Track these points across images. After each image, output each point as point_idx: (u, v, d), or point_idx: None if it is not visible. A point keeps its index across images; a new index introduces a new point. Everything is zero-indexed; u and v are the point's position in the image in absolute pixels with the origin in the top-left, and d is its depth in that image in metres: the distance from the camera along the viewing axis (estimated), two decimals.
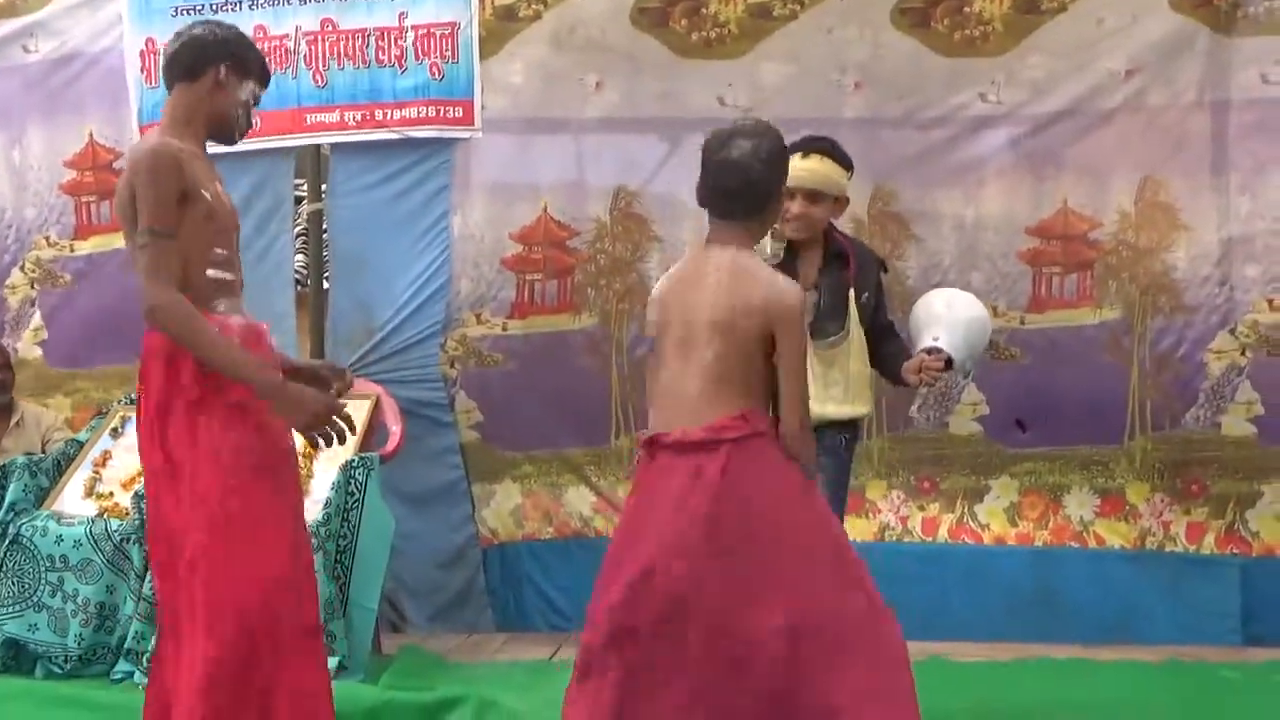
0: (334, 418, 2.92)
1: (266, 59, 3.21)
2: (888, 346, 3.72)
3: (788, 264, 3.68)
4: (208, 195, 2.93)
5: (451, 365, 4.98)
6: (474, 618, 4.91)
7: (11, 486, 4.28)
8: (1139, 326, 4.74)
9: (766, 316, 2.81)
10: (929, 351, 3.59)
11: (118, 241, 4.64)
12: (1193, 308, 4.70)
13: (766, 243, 3.72)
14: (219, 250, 2.96)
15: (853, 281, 3.66)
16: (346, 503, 4.14)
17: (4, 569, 4.17)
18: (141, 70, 4.85)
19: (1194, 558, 4.70)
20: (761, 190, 2.91)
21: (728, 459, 2.77)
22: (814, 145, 3.71)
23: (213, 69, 3.02)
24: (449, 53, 4.67)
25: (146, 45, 4.79)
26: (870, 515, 4.94)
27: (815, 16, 4.77)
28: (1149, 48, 4.64)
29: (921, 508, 4.92)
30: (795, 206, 3.64)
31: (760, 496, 2.79)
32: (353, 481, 4.16)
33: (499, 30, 4.86)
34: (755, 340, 2.83)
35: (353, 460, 4.20)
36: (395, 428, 4.44)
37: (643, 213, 4.92)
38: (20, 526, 4.19)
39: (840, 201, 3.75)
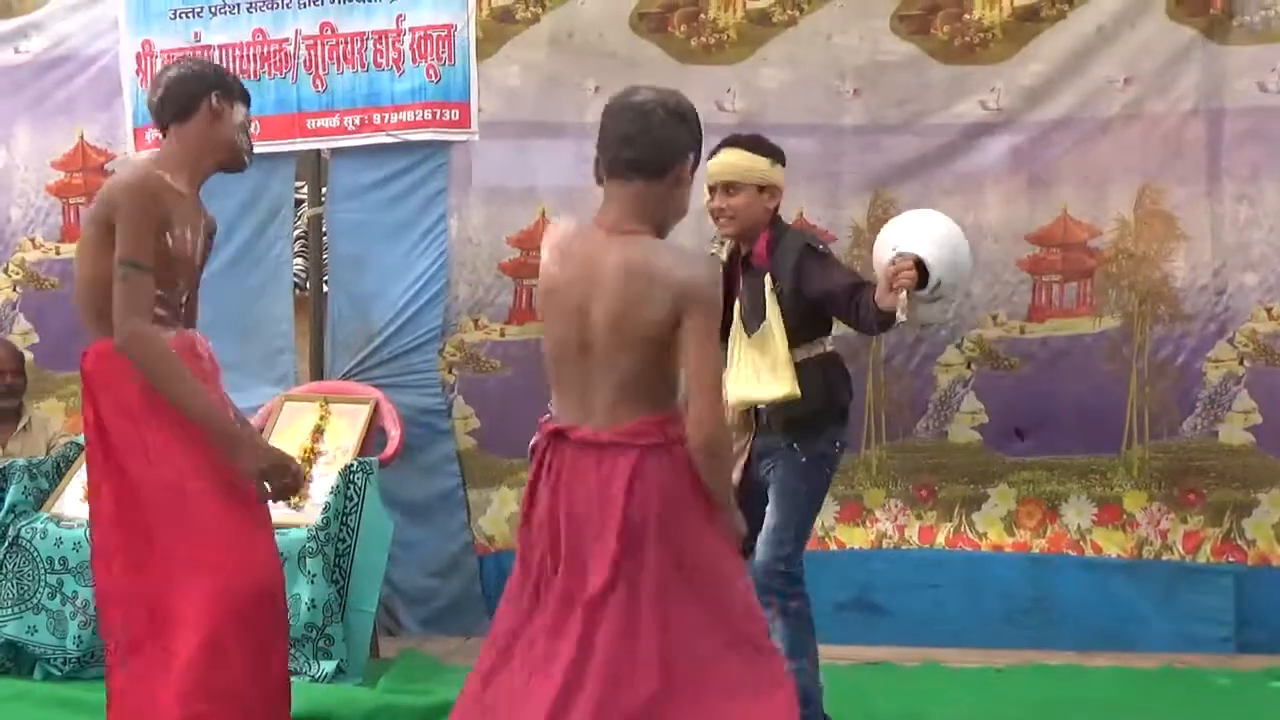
0: (285, 472, 3.04)
1: (265, 64, 3.39)
2: (855, 304, 3.58)
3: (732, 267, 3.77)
4: (171, 240, 3.05)
5: (450, 371, 5.10)
6: (471, 620, 5.01)
7: (11, 489, 4.41)
8: (1138, 335, 4.85)
9: (674, 306, 2.60)
10: (893, 262, 3.46)
11: None
12: (1191, 316, 4.81)
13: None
14: (160, 292, 3.05)
15: (758, 275, 3.68)
16: (345, 507, 4.28)
17: (3, 571, 4.30)
18: (137, 72, 4.99)
19: (1190, 566, 4.81)
20: (661, 141, 2.67)
21: (639, 462, 2.66)
22: (728, 140, 3.80)
23: (205, 101, 3.15)
24: (445, 55, 4.80)
25: (143, 48, 4.93)
26: (868, 524, 5.04)
27: (814, 22, 4.90)
28: (1146, 56, 4.77)
29: (919, 516, 5.01)
30: (715, 200, 3.73)
31: (666, 510, 2.67)
32: (352, 486, 4.30)
33: (496, 32, 4.98)
34: (665, 338, 2.64)
35: (352, 464, 4.34)
36: (394, 432, 4.58)
37: None
38: (20, 529, 4.32)
39: (767, 190, 3.74)
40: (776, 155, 3.80)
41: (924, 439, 5.02)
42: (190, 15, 4.93)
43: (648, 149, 2.68)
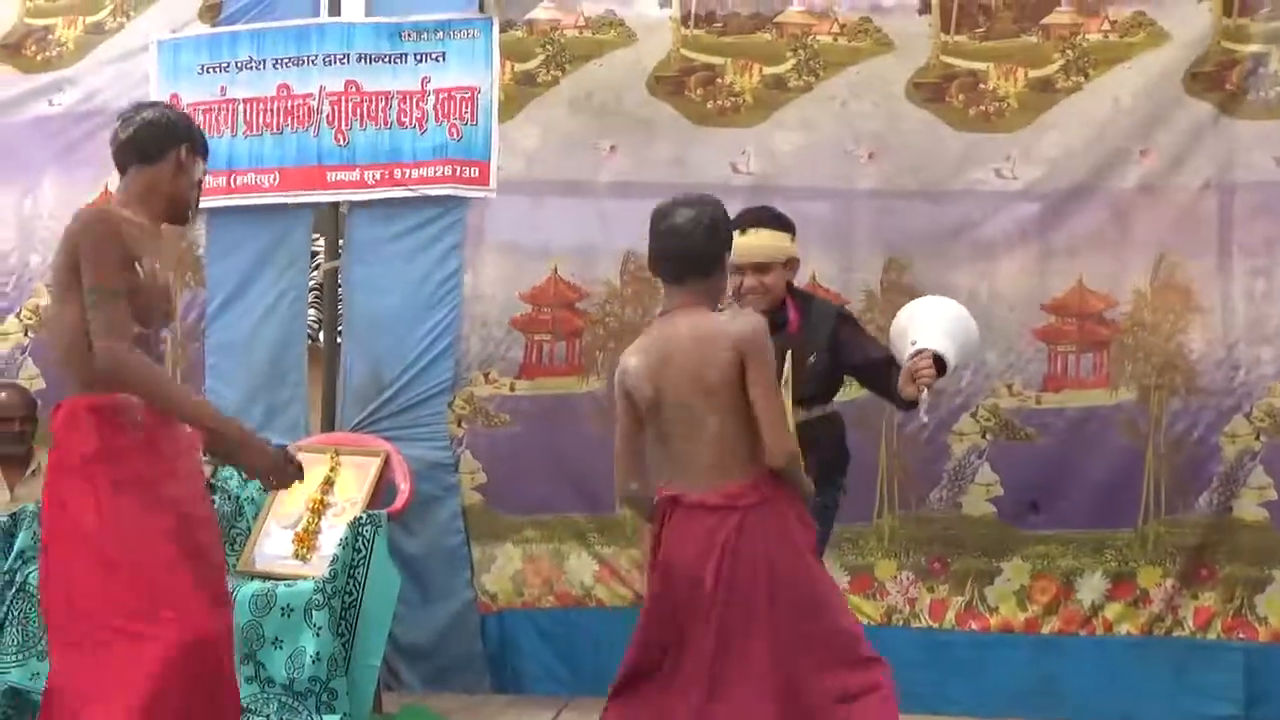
0: (287, 465, 3.24)
1: (289, 117, 3.58)
2: (886, 380, 3.98)
3: None
4: (141, 271, 3.10)
5: (459, 424, 5.20)
6: (472, 682, 5.09)
7: (20, 534, 4.46)
8: (1154, 408, 4.91)
9: (735, 355, 3.22)
10: (913, 358, 3.83)
11: None
12: (1208, 390, 4.89)
13: None
14: (136, 328, 3.10)
15: (791, 344, 3.85)
16: (353, 560, 4.34)
17: (9, 617, 4.35)
18: None
19: (1200, 643, 4.85)
20: (703, 256, 3.35)
21: (743, 520, 3.24)
22: (752, 219, 4.06)
23: (174, 151, 3.25)
24: (468, 115, 4.97)
25: (171, 100, 5.06)
26: (878, 597, 5.08)
27: (830, 88, 5.06)
28: (1163, 129, 4.90)
29: (931, 589, 5.05)
30: (747, 280, 4.00)
31: (777, 555, 3.26)
32: (360, 538, 4.36)
33: (518, 95, 5.18)
34: (738, 386, 3.24)
35: (361, 517, 4.40)
36: (404, 486, 4.67)
37: (652, 276, 5.17)
38: (27, 574, 4.36)
39: (790, 264, 4.10)
40: (793, 228, 4.11)
41: (938, 510, 5.08)
42: (217, 70, 5.11)
43: (692, 267, 3.35)
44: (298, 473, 3.29)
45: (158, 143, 3.24)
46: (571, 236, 5.26)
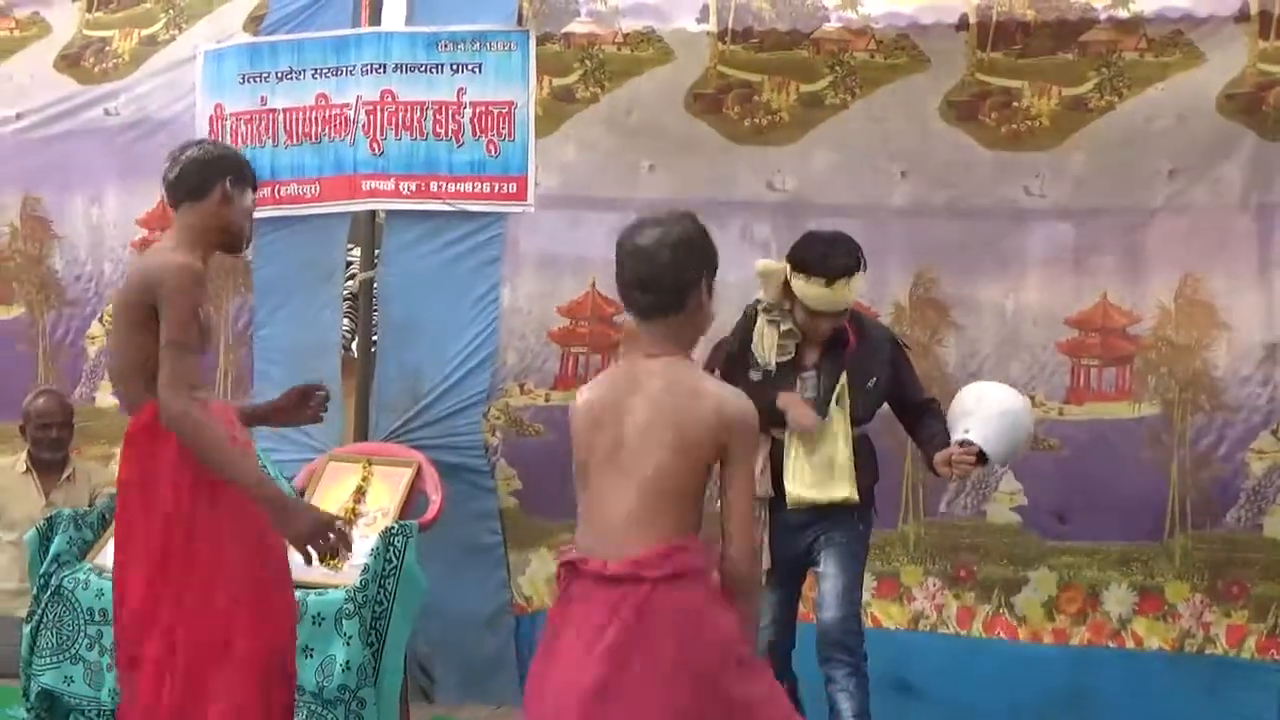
0: (329, 534, 2.94)
1: (326, 127, 3.44)
2: (925, 429, 3.64)
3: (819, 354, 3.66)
4: (203, 315, 3.01)
5: (492, 433, 4.82)
6: (504, 686, 4.65)
7: (57, 539, 4.10)
8: (1178, 423, 4.47)
9: (719, 429, 2.38)
10: (961, 444, 3.51)
11: None
12: (1233, 407, 4.43)
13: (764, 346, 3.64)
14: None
15: (850, 364, 3.56)
16: (384, 570, 3.93)
17: (44, 620, 3.99)
18: (210, 135, 4.74)
19: (1234, 661, 4.38)
20: (673, 280, 2.44)
21: (647, 599, 2.33)
22: (840, 268, 3.53)
23: (219, 185, 3.08)
24: (505, 130, 4.55)
25: (215, 111, 4.74)
26: (905, 602, 4.67)
27: (866, 107, 4.60)
28: (1195, 149, 4.41)
29: (957, 596, 4.64)
30: (824, 324, 3.57)
31: (681, 654, 2.33)
32: (392, 548, 3.95)
33: (555, 110, 4.76)
34: (701, 456, 2.39)
35: (393, 527, 4.01)
36: (435, 497, 4.25)
37: None
38: (63, 578, 4.00)
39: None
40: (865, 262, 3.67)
41: (961, 517, 4.67)
42: (258, 80, 4.69)
43: (662, 292, 2.46)
44: (342, 545, 2.99)
45: (202, 178, 3.09)
46: (609, 251, 4.62)
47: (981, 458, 3.52)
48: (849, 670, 3.51)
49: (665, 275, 2.43)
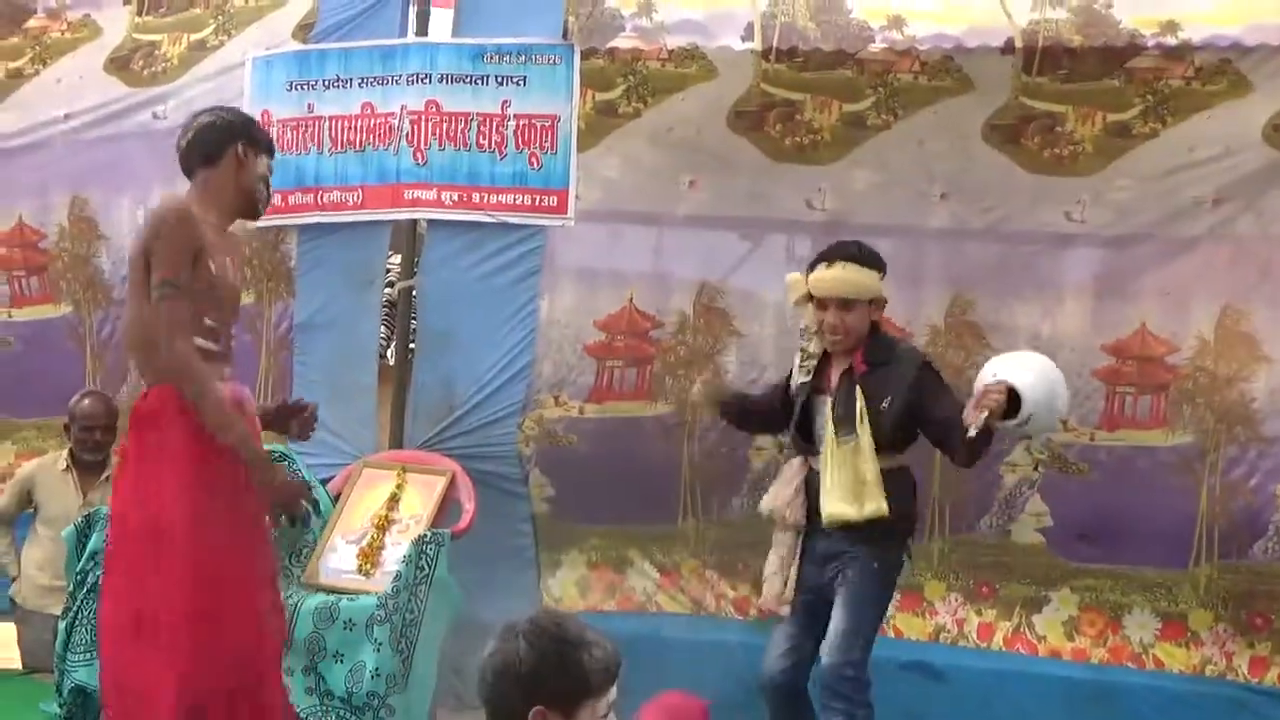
0: (300, 501, 3.01)
1: (370, 135, 3.46)
2: (953, 436, 3.35)
3: (821, 365, 3.48)
4: (213, 265, 2.89)
5: (526, 444, 4.65)
6: None
7: (94, 536, 3.93)
8: (1211, 453, 4.28)
9: None
10: (988, 385, 3.26)
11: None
12: (1270, 439, 4.23)
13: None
14: (209, 320, 2.92)
15: (865, 385, 3.40)
16: (416, 577, 3.78)
17: (79, 617, 3.83)
18: None
19: (1257, 689, 4.17)
20: (495, 708, 2.08)
21: None
22: (840, 252, 3.46)
23: (231, 149, 3.01)
24: (548, 143, 4.35)
25: (263, 117, 4.49)
26: (926, 615, 4.51)
27: (908, 127, 4.42)
28: (1239, 179, 4.20)
29: (979, 612, 4.48)
30: (829, 317, 3.40)
31: None
32: (424, 556, 3.80)
33: (598, 125, 4.59)
34: None
35: (425, 535, 3.86)
36: (469, 506, 4.07)
37: (724, 307, 4.61)
38: (99, 576, 3.70)
39: (875, 304, 3.47)
40: (883, 266, 3.48)
41: (987, 535, 4.51)
42: (305, 88, 4.50)
43: (490, 714, 2.11)
44: (304, 510, 3.07)
45: (216, 143, 3.02)
46: (648, 266, 4.73)
47: (1013, 400, 3.19)
48: (844, 718, 3.33)
49: (490, 703, 2.08)
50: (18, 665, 4.66)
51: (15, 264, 5.23)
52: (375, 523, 3.97)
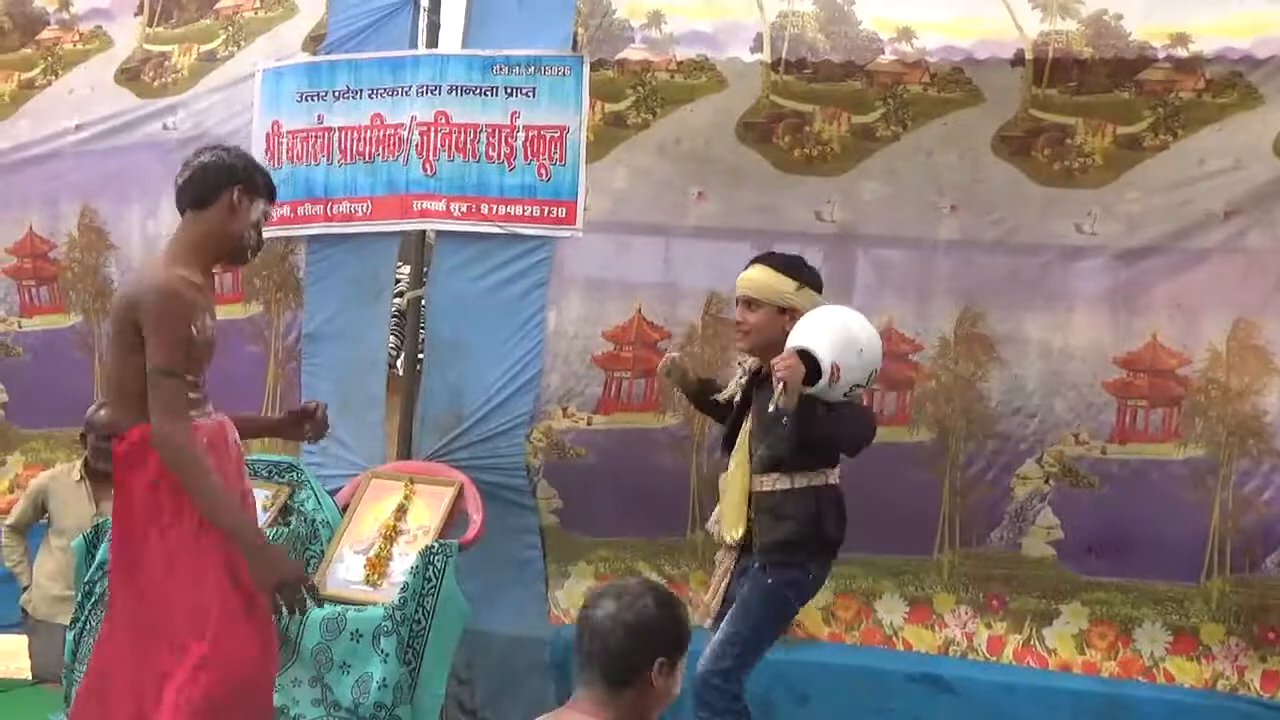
0: (298, 590, 2.87)
1: (380, 147, 3.43)
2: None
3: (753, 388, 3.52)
4: (196, 331, 2.87)
5: (534, 455, 4.67)
6: (536, 696, 4.42)
7: (103, 546, 3.92)
8: (1224, 467, 4.27)
9: None
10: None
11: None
12: None
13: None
14: (191, 377, 2.91)
15: (761, 401, 3.42)
16: (423, 588, 3.78)
17: (88, 627, 3.83)
18: (266, 152, 4.59)
19: (1269, 704, 4.15)
20: (622, 660, 2.26)
21: None
22: (764, 255, 3.56)
23: (227, 194, 2.95)
24: (557, 155, 4.36)
25: (272, 128, 4.56)
26: (936, 628, 4.51)
27: (917, 139, 4.44)
28: (1250, 191, 4.22)
29: (988, 625, 4.47)
30: (737, 312, 3.52)
31: None
32: (431, 567, 3.80)
33: (607, 136, 4.63)
34: None
35: (432, 546, 3.85)
36: (476, 517, 4.07)
37: (733, 318, 4.53)
38: (107, 586, 3.69)
39: (789, 313, 3.46)
40: (806, 279, 3.50)
41: (998, 549, 4.50)
42: (315, 99, 4.52)
43: (609, 670, 2.30)
44: (310, 599, 2.92)
45: (210, 186, 2.97)
46: (656, 277, 4.77)
47: (810, 361, 3.24)
48: None
49: (614, 657, 2.26)
50: (27, 675, 4.68)
51: (25, 274, 5.28)
52: (383, 533, 3.96)
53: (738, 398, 3.66)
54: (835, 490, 3.47)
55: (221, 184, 2.94)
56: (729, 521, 3.55)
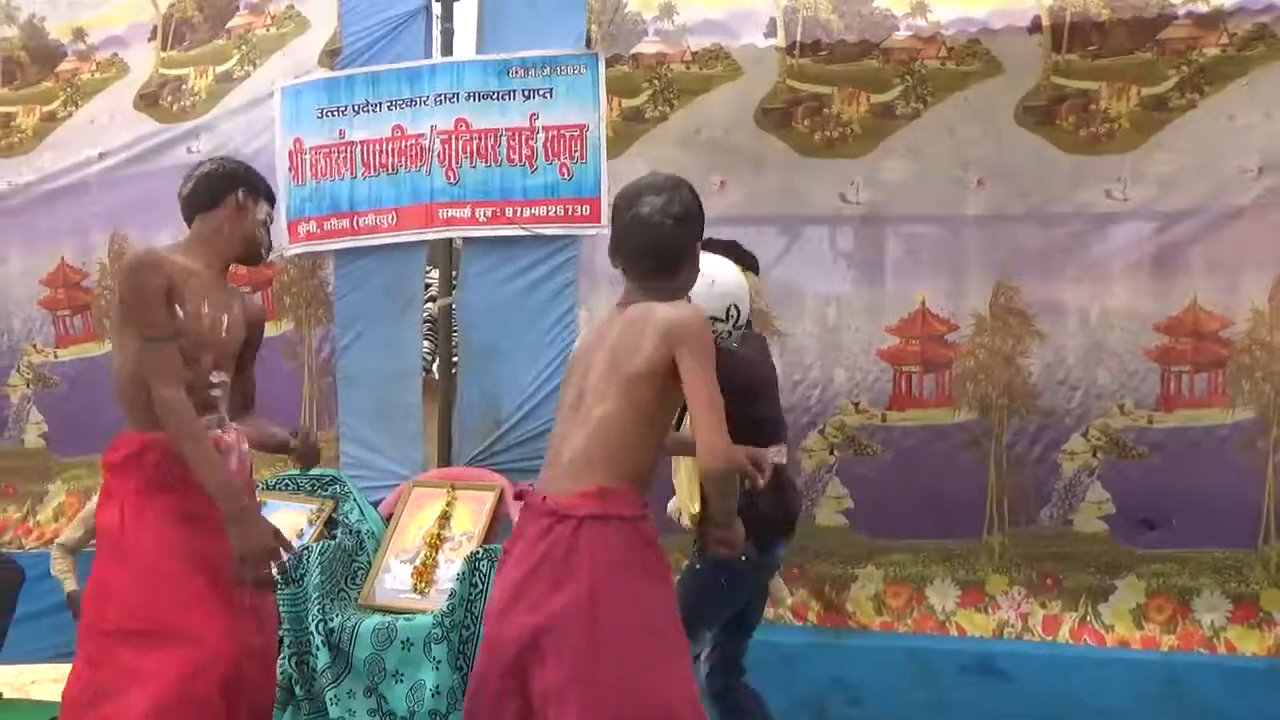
0: (268, 563, 2.91)
1: (402, 158, 3.52)
2: None
3: None
4: (183, 312, 2.90)
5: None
6: None
7: None
8: (1275, 428, 4.24)
9: (660, 345, 2.53)
10: None
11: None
12: None
13: None
14: (183, 348, 2.91)
15: None
16: (470, 594, 3.88)
17: None
18: (290, 169, 4.72)
19: None
20: (674, 248, 2.69)
21: (575, 535, 2.53)
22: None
23: (231, 195, 3.09)
24: (578, 153, 4.45)
25: (295, 145, 4.67)
26: (989, 611, 4.50)
27: (938, 115, 4.44)
28: None
29: (1043, 605, 4.45)
30: None
31: (602, 587, 2.50)
32: (477, 573, 3.90)
33: (626, 131, 4.67)
34: (649, 393, 2.53)
35: (477, 551, 3.96)
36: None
37: (762, 307, 4.61)
38: None
39: None
40: (742, 262, 3.54)
41: (1048, 527, 4.47)
42: (335, 114, 4.63)
43: (660, 260, 2.69)
44: (268, 580, 2.94)
45: (214, 190, 3.11)
46: None
47: None
48: None
49: (666, 245, 2.66)
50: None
51: (60, 304, 5.39)
52: (428, 541, 4.08)
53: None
54: (777, 469, 3.35)
55: (226, 187, 3.09)
56: (684, 499, 3.54)
